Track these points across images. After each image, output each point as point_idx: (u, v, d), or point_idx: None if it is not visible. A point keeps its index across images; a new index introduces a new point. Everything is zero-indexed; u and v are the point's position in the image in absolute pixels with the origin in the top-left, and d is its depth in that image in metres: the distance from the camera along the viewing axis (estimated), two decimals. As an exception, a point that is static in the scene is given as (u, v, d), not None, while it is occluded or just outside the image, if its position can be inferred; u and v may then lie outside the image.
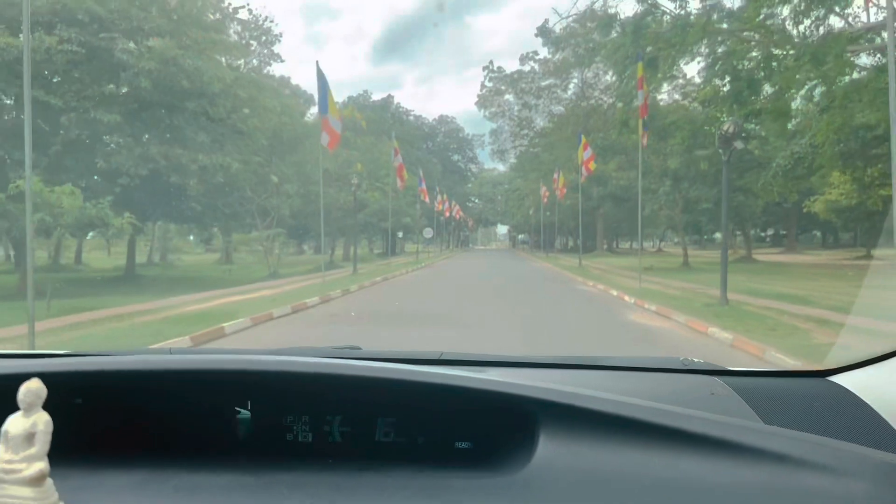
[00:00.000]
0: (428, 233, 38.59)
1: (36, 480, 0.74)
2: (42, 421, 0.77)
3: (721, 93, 20.19)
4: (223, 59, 22.39)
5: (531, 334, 8.60)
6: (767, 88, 20.44)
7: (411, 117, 72.28)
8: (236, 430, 1.03)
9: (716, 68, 19.06)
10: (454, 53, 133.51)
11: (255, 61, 39.60)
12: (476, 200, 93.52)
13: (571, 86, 47.35)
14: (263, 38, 40.73)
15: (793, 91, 19.64)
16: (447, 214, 56.73)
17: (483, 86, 51.17)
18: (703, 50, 22.45)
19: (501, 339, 7.95)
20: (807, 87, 20.01)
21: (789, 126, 23.67)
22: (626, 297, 13.54)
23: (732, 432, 0.86)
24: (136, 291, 15.46)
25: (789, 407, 1.18)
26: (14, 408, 0.78)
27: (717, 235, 60.77)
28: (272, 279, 21.23)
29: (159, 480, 0.90)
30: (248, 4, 52.34)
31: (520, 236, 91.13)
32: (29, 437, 0.76)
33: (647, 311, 11.37)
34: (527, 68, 48.63)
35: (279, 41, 42.83)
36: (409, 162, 47.51)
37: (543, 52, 47.42)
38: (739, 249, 43.50)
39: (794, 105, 22.03)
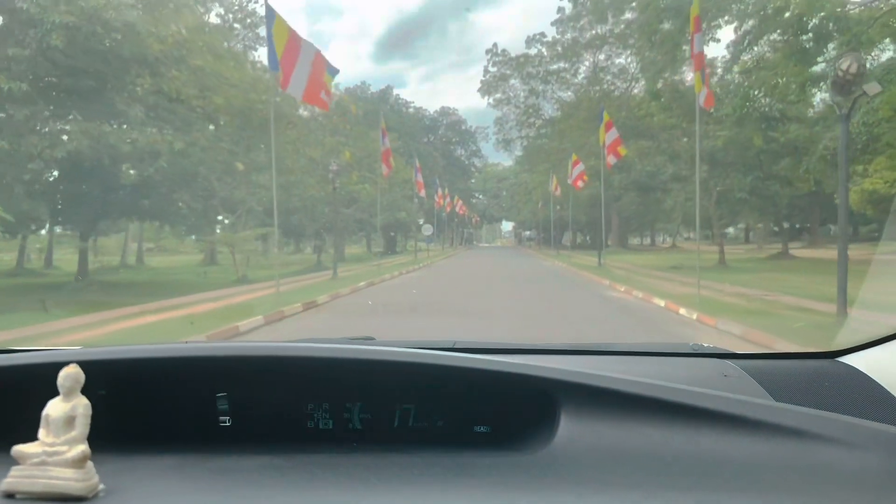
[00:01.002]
0: (427, 229, 35.00)
1: (78, 462, 0.76)
2: (81, 404, 0.80)
3: (774, 55, 16.71)
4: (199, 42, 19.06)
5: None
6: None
7: (411, 109, 68.69)
8: (259, 416, 1.03)
9: (774, 19, 15.51)
10: (458, 51, 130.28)
11: (239, 45, 36.43)
12: (480, 196, 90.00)
13: (582, 69, 43.71)
14: (248, 20, 37.44)
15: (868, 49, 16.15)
16: (448, 210, 53.24)
17: (486, 71, 47.34)
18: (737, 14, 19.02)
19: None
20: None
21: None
22: (682, 311, 10.09)
23: (748, 409, 0.88)
24: (52, 305, 12.10)
25: (800, 387, 1.17)
26: (50, 395, 0.80)
27: (731, 230, 57.14)
28: (238, 285, 17.91)
29: (193, 463, 0.92)
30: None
31: (526, 233, 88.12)
32: (69, 421, 0.79)
33: (727, 336, 7.87)
34: (533, 51, 44.96)
35: (264, 23, 39.63)
36: (408, 154, 44.07)
37: (551, 33, 43.90)
38: (769, 246, 40.14)
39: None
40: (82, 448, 0.77)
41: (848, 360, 1.27)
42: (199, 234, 24.85)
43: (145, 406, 1.04)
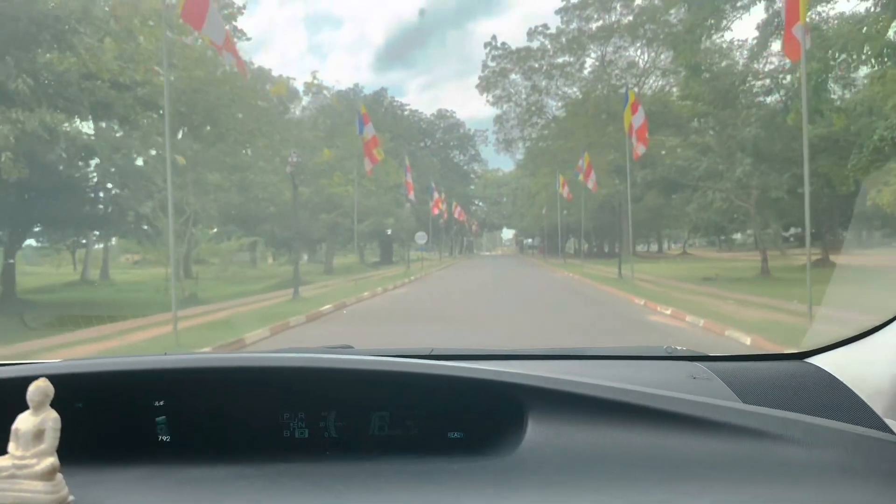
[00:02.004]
0: (420, 237, 31.52)
1: (47, 475, 0.77)
2: (51, 418, 0.80)
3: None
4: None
5: None
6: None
7: (406, 112, 65.28)
8: (234, 426, 1.03)
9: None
10: (458, 60, 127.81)
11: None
12: (480, 203, 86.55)
13: (588, 63, 40.36)
14: (225, 10, 34.12)
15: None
16: (446, 216, 49.74)
17: (485, 66, 43.95)
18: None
19: None
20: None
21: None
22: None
23: (711, 412, 0.91)
24: None
25: (768, 388, 1.18)
26: (20, 409, 0.81)
27: (738, 235, 53.64)
28: (183, 307, 14.49)
29: (163, 475, 0.92)
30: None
31: (527, 241, 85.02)
32: (38, 434, 0.79)
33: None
34: (535, 45, 41.64)
35: (241, 14, 36.13)
36: (402, 158, 40.72)
37: (556, 23, 40.62)
38: (791, 252, 36.74)
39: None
40: (51, 461, 0.77)
41: (815, 360, 1.28)
42: (153, 244, 21.49)
43: (121, 418, 1.03)
